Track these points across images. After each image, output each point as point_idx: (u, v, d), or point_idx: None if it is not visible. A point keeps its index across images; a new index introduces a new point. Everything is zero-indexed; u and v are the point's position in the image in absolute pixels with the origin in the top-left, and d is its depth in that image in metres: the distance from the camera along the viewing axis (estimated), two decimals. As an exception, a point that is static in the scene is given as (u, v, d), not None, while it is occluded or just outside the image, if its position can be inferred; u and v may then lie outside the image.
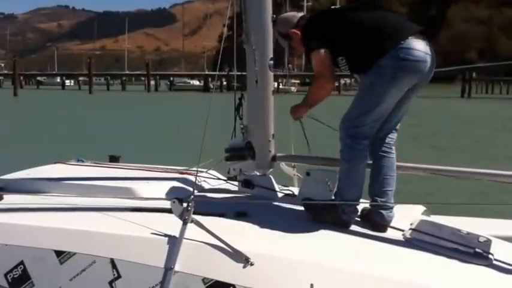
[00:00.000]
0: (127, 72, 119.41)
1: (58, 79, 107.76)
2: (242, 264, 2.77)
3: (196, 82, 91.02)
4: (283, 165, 4.11)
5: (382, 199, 3.33)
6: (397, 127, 3.46)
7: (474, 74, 77.94)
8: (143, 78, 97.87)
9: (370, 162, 3.44)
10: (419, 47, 3.13)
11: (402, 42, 3.11)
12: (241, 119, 3.88)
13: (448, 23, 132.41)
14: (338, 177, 3.38)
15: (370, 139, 3.31)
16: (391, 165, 3.37)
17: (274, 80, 3.82)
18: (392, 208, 3.33)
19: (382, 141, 3.40)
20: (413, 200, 6.54)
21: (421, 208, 3.96)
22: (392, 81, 3.14)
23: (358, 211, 3.32)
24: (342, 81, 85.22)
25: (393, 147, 3.41)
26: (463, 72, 75.22)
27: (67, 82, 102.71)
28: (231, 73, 4.18)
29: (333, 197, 3.37)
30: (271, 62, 3.66)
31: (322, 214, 3.29)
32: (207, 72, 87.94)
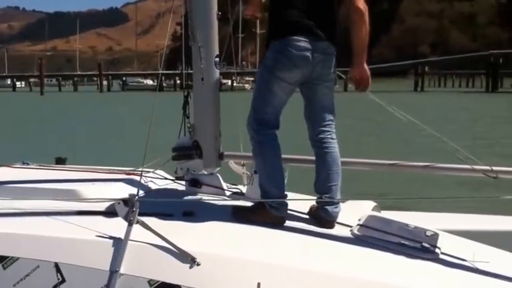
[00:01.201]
0: (79, 72, 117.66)
1: (9, 81, 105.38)
2: (188, 265, 2.74)
3: (149, 81, 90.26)
4: (232, 164, 4.09)
5: (327, 194, 3.32)
6: (329, 122, 3.41)
7: (427, 68, 79.53)
8: (95, 79, 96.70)
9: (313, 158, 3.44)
10: (300, 44, 3.17)
11: (287, 37, 3.17)
12: (187, 117, 3.84)
13: (400, 17, 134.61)
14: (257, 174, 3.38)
15: (276, 128, 3.32)
16: (332, 160, 3.35)
17: (228, 78, 3.81)
18: (338, 203, 3.32)
19: (317, 137, 3.38)
20: (365, 195, 6.63)
21: (371, 204, 3.99)
22: (272, 73, 3.22)
23: (287, 204, 3.28)
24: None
25: (331, 142, 3.37)
26: (416, 66, 76.66)
27: (18, 84, 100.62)
28: (184, 71, 4.12)
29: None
30: (217, 59, 3.64)
31: (252, 215, 3.25)
32: (160, 71, 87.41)
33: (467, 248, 3.17)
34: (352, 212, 3.48)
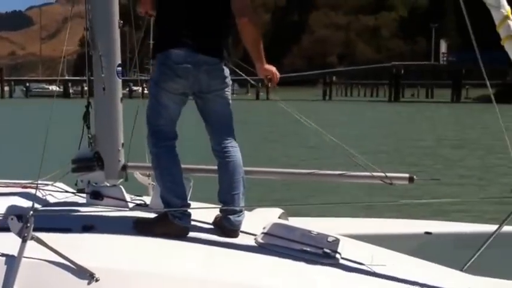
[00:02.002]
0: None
1: None
2: (87, 281, 2.67)
3: (55, 88, 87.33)
4: (137, 175, 4.01)
5: (229, 204, 3.32)
6: (227, 131, 3.42)
7: (334, 78, 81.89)
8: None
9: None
10: (181, 56, 3.22)
11: (168, 49, 3.23)
12: (88, 128, 3.74)
13: (310, 28, 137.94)
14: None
15: (172, 139, 3.34)
16: (233, 169, 3.36)
17: (139, 85, 3.74)
18: (241, 212, 3.32)
19: (217, 147, 3.40)
20: (272, 203, 6.73)
21: (278, 211, 4.04)
22: (158, 85, 3.28)
23: (190, 214, 3.27)
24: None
25: (231, 151, 3.38)
26: (324, 76, 78.75)
27: None
28: (87, 79, 4.00)
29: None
30: (119, 68, 3.57)
31: (154, 226, 3.22)
32: (66, 78, 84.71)
33: (366, 252, 3.28)
34: (259, 220, 3.50)
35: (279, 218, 3.89)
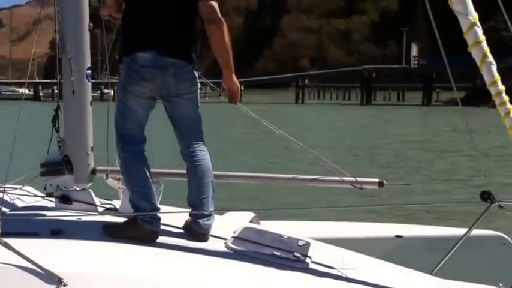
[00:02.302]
0: None
1: None
2: (55, 286, 2.64)
3: (25, 90, 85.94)
4: (109, 179, 3.98)
5: (199, 207, 3.32)
6: (196, 134, 3.42)
7: (307, 81, 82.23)
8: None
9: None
10: (147, 59, 3.21)
11: (135, 53, 3.21)
12: (57, 131, 3.71)
13: (282, 31, 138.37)
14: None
15: (140, 143, 3.33)
16: (202, 173, 3.35)
17: (110, 88, 3.71)
18: (210, 216, 3.32)
19: (186, 151, 3.39)
20: (244, 207, 6.71)
21: (250, 215, 4.03)
22: (125, 89, 3.27)
23: (159, 218, 3.26)
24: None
25: (200, 155, 3.37)
26: (297, 79, 79.03)
27: None
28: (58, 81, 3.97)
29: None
30: (89, 71, 3.54)
31: (124, 230, 3.21)
32: (36, 80, 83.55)
33: (337, 256, 3.29)
34: (230, 224, 3.50)
35: (251, 221, 3.89)
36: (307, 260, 3.08)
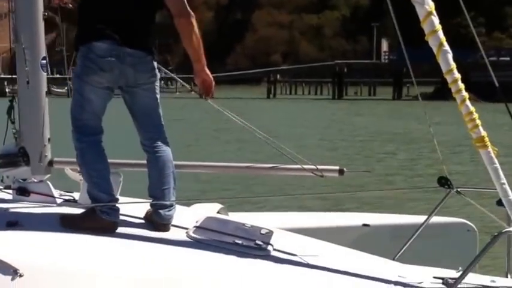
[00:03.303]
0: None
1: None
2: (10, 277, 2.64)
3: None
4: (68, 170, 3.94)
5: (159, 198, 3.31)
6: (156, 125, 3.41)
7: (278, 76, 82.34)
8: None
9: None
10: (104, 48, 3.18)
11: (91, 42, 3.18)
12: (13, 122, 3.66)
13: (253, 26, 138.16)
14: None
15: (97, 134, 3.31)
16: (162, 165, 3.35)
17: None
18: (171, 206, 3.32)
19: (146, 142, 3.39)
20: (212, 198, 6.73)
21: (217, 206, 4.04)
22: (81, 79, 3.24)
23: (118, 209, 3.25)
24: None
25: (160, 146, 3.36)
26: (268, 74, 79.12)
27: None
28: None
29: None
30: (44, 61, 3.50)
31: (82, 222, 3.19)
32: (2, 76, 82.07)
33: (300, 244, 3.33)
34: (195, 215, 3.49)
35: (218, 212, 3.90)
36: (269, 247, 3.10)
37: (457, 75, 2.98)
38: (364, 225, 4.07)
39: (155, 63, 3.36)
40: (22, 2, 3.46)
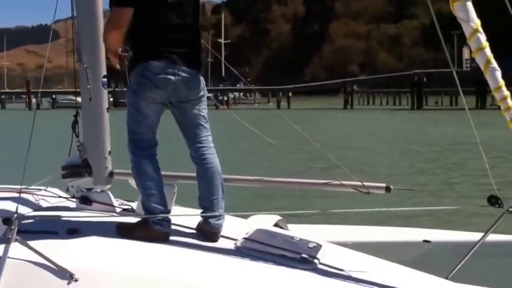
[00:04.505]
0: (7, 90, 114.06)
1: None
2: (66, 281, 2.79)
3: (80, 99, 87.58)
4: (130, 181, 4.13)
5: (209, 208, 3.44)
6: (204, 137, 3.53)
7: (355, 87, 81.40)
8: (24, 96, 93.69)
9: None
10: (160, 67, 3.31)
11: (148, 61, 3.31)
12: (77, 136, 3.89)
13: (330, 37, 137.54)
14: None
15: (152, 147, 3.44)
16: (210, 176, 3.47)
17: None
18: (220, 215, 3.43)
19: (195, 154, 3.51)
20: (275, 210, 6.77)
21: (275, 218, 4.08)
22: (136, 95, 3.37)
23: (170, 220, 3.38)
24: (231, 95, 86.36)
25: (209, 158, 3.49)
26: (345, 85, 78.36)
27: None
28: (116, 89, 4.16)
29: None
30: (105, 79, 3.70)
31: (136, 231, 3.33)
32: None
33: (349, 259, 3.33)
34: (249, 227, 3.56)
35: (276, 224, 3.95)
36: (315, 261, 3.11)
37: (506, 93, 2.95)
38: (425, 241, 3.98)
39: (203, 80, 3.52)
40: (83, 23, 3.67)
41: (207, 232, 3.40)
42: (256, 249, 3.20)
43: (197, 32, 3.51)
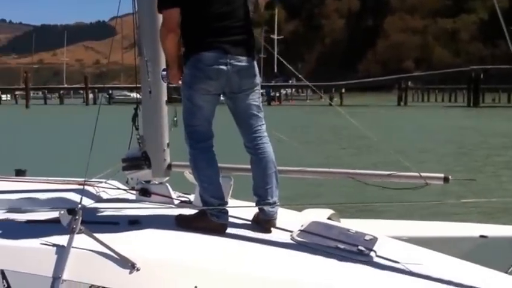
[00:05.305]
0: (65, 85, 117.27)
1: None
2: (128, 270, 2.84)
3: (136, 95, 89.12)
4: (186, 173, 4.20)
5: (263, 197, 3.47)
6: (258, 127, 3.54)
7: (410, 83, 79.99)
8: (82, 92, 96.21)
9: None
10: (212, 58, 3.32)
11: (199, 52, 3.32)
12: (137, 129, 3.96)
13: (385, 33, 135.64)
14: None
15: (208, 139, 3.47)
16: (264, 165, 3.49)
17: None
18: (274, 204, 3.45)
19: (249, 144, 3.53)
20: (327, 203, 6.74)
21: (329, 211, 4.09)
22: (191, 87, 3.39)
23: (227, 211, 3.41)
24: (283, 91, 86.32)
25: (263, 147, 3.50)
26: (399, 81, 77.14)
27: (3, 97, 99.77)
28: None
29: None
30: (164, 72, 3.75)
31: (194, 222, 3.38)
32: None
33: (405, 252, 3.30)
34: (304, 220, 3.57)
35: (329, 218, 3.94)
36: (372, 253, 3.10)
37: None
38: (482, 236, 3.92)
39: (256, 68, 3.51)
40: (144, 17, 3.73)
41: (262, 221, 3.43)
42: (312, 241, 3.21)
43: (247, 18, 3.50)
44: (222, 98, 3.52)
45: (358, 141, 17.91)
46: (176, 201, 3.92)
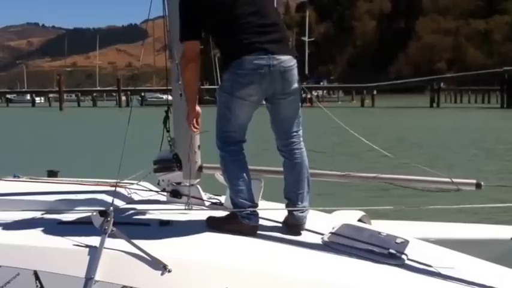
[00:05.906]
0: (98, 88, 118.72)
1: (28, 96, 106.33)
2: (160, 272, 2.88)
3: (169, 97, 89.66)
4: (217, 175, 4.21)
5: (294, 201, 3.46)
6: (294, 132, 3.50)
7: (442, 84, 78.96)
8: (114, 94, 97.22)
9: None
10: (255, 62, 3.25)
11: (241, 57, 3.25)
12: (168, 131, 3.98)
13: (417, 34, 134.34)
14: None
15: (240, 143, 3.44)
16: (298, 169, 3.47)
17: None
18: (304, 208, 3.44)
19: (283, 148, 3.51)
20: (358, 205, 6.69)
21: (359, 213, 4.08)
22: (230, 93, 3.31)
23: (258, 213, 3.40)
24: (314, 93, 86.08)
25: (297, 152, 3.48)
26: (432, 83, 76.22)
27: (37, 99, 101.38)
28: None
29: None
30: None
31: (225, 224, 3.38)
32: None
33: (437, 255, 3.28)
34: (335, 222, 3.57)
35: (360, 220, 3.94)
36: (403, 256, 3.09)
37: None
38: None
39: (296, 71, 3.41)
40: (174, 21, 3.72)
41: (291, 224, 3.43)
42: (343, 243, 3.21)
43: (277, 15, 3.47)
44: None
45: (390, 143, 17.73)
46: (207, 203, 3.94)
